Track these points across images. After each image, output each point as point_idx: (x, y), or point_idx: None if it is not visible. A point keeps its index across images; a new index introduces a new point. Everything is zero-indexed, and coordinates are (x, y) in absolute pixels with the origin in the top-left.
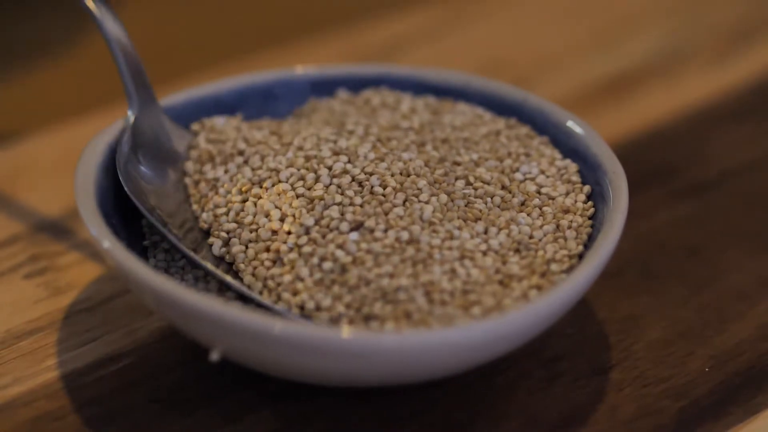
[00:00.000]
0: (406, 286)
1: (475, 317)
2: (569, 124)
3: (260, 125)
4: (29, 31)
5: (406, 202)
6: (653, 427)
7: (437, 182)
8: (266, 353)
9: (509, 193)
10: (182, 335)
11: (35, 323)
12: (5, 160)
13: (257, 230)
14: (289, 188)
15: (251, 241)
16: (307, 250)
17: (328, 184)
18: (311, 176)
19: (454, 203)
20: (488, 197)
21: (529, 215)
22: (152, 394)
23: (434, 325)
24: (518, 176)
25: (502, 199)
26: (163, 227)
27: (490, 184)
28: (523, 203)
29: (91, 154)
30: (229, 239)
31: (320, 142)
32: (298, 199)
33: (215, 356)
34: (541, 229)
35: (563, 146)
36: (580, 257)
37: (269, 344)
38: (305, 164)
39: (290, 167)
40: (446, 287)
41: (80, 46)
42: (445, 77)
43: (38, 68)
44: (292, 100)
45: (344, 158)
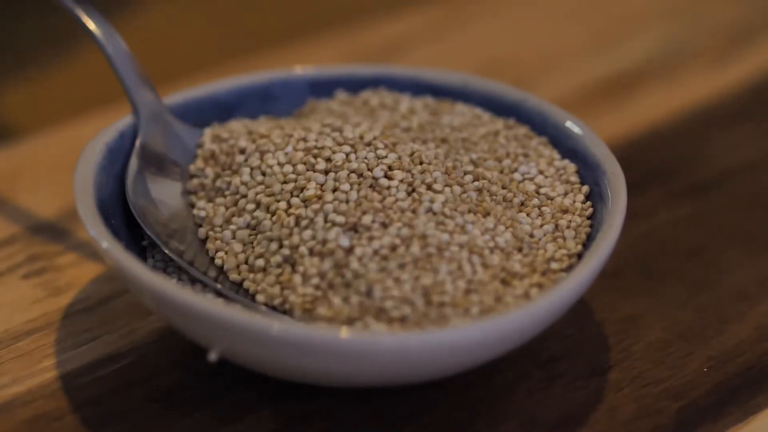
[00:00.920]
0: (400, 295)
1: (473, 317)
2: (568, 124)
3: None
4: (29, 31)
5: (413, 192)
6: (652, 427)
7: (448, 172)
8: (264, 354)
9: (510, 192)
10: (181, 335)
11: (33, 323)
12: (4, 160)
13: (255, 234)
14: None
15: (246, 244)
16: (304, 253)
17: (323, 182)
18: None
19: (467, 195)
20: (494, 194)
21: (528, 215)
22: (151, 394)
23: (432, 326)
24: (517, 176)
25: (503, 198)
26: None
27: (492, 182)
28: (522, 203)
29: (90, 154)
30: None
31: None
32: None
33: (213, 357)
34: (541, 228)
35: (562, 146)
36: (579, 257)
37: (267, 345)
38: (304, 158)
39: (288, 164)
40: (448, 289)
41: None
42: (444, 78)
43: (38, 68)
44: (290, 100)
45: (347, 148)
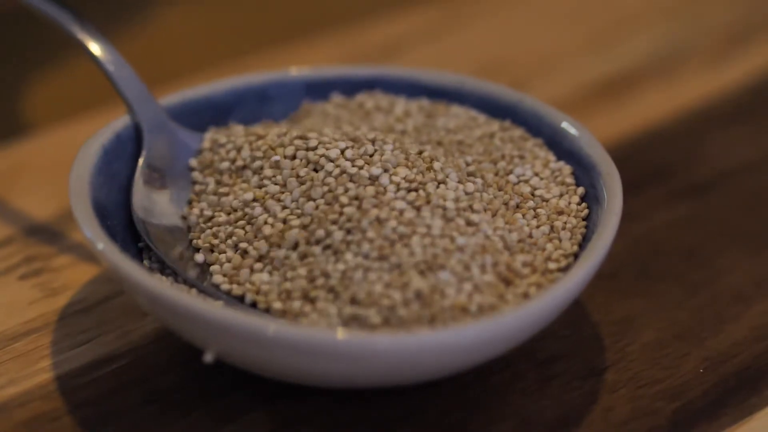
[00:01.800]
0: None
1: (470, 318)
2: (564, 125)
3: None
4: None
5: (419, 191)
6: (648, 428)
7: (459, 170)
8: (260, 355)
9: (506, 194)
10: (177, 337)
11: (30, 324)
12: (0, 161)
13: (247, 242)
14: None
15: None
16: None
17: (320, 182)
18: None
19: (479, 194)
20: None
21: (524, 216)
22: (147, 395)
23: (428, 327)
24: (512, 178)
25: (501, 199)
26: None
27: (488, 184)
28: (517, 205)
29: (85, 155)
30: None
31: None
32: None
33: (209, 358)
34: (537, 229)
35: (558, 148)
36: (575, 257)
37: (263, 346)
38: (303, 161)
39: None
40: (451, 291)
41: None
42: (440, 79)
43: (37, 69)
44: (287, 101)
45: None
